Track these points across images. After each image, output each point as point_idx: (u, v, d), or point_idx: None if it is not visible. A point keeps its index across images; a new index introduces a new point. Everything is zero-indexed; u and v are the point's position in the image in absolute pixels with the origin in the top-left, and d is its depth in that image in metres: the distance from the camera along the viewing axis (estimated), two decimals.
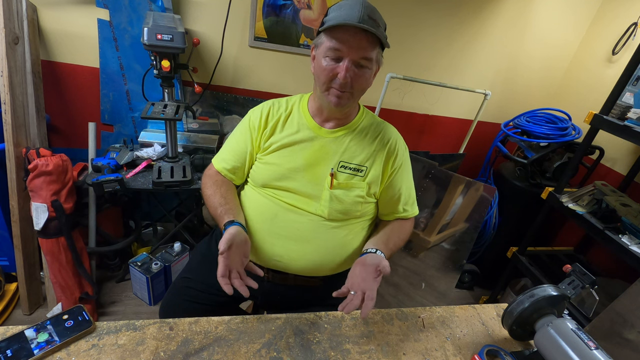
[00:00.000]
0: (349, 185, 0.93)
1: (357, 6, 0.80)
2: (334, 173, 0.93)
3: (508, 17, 2.03)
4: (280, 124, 0.97)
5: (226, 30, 1.71)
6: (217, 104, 1.91)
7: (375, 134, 0.98)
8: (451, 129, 2.35)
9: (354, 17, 0.78)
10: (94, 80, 1.71)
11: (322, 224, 0.94)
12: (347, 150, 0.95)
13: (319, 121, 0.96)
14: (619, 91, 1.46)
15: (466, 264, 2.12)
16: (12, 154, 1.41)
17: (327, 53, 0.84)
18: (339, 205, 0.93)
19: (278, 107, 0.99)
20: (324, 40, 0.84)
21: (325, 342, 0.79)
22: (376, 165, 0.96)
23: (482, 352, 0.81)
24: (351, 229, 0.97)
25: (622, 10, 1.95)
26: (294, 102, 1.00)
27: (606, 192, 1.64)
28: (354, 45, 0.81)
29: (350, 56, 0.82)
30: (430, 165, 1.82)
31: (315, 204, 0.93)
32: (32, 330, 0.69)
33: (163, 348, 0.72)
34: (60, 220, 1.44)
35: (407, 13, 1.90)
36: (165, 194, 2.06)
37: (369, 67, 0.86)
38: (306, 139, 0.95)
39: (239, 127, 1.03)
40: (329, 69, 0.84)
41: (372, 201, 1.00)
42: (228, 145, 1.03)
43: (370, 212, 1.02)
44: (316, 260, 0.94)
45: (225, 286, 0.74)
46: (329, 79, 0.85)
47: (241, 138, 1.00)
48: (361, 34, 0.80)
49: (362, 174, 0.95)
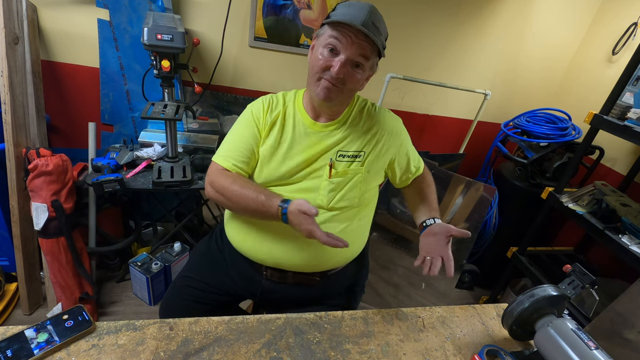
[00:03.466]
0: (348, 172, 0.94)
1: (364, 10, 0.82)
2: (333, 163, 0.94)
3: (508, 17, 2.03)
4: (279, 121, 0.97)
5: (226, 30, 1.71)
6: (217, 104, 1.91)
7: (369, 117, 0.99)
8: (451, 129, 2.35)
9: (360, 19, 0.80)
10: (94, 80, 1.71)
11: (321, 216, 0.93)
12: (343, 140, 0.96)
13: (312, 116, 0.97)
14: (619, 91, 1.45)
15: (466, 264, 2.12)
16: (12, 154, 1.41)
17: (327, 42, 0.85)
18: (338, 194, 0.94)
19: (276, 103, 0.99)
20: (326, 31, 0.85)
21: (325, 342, 0.79)
22: (376, 148, 0.97)
23: (482, 352, 0.82)
24: (351, 218, 0.97)
25: (622, 10, 1.95)
26: (290, 98, 1.01)
27: (606, 192, 1.64)
28: (354, 43, 0.82)
29: (347, 52, 0.83)
30: (430, 165, 1.82)
31: (314, 195, 0.94)
32: (32, 330, 0.69)
33: (163, 348, 0.72)
34: (60, 220, 1.43)
35: (407, 13, 1.90)
36: (165, 194, 2.06)
37: (363, 69, 0.87)
38: (302, 134, 0.95)
39: (240, 122, 0.99)
40: (324, 59, 0.85)
41: (374, 185, 1.01)
42: (231, 143, 0.97)
43: (370, 200, 1.02)
44: (316, 255, 0.94)
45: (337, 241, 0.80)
46: (322, 70, 0.86)
47: (247, 132, 0.96)
48: (362, 36, 0.82)
49: (360, 159, 0.96)
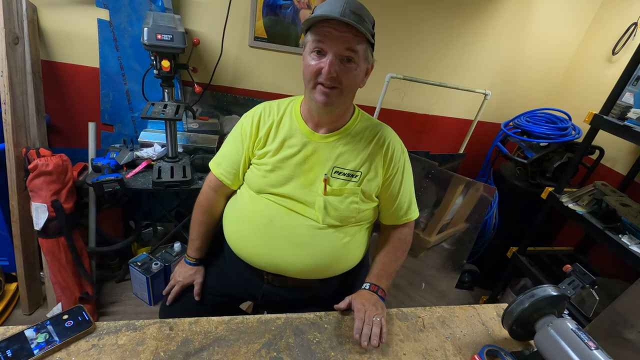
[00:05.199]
0: (343, 192, 0.91)
1: (339, 1, 0.78)
2: (327, 179, 0.91)
3: (508, 17, 2.03)
4: (272, 131, 0.94)
5: (226, 30, 1.71)
6: (217, 104, 1.91)
7: (371, 137, 0.95)
8: (451, 129, 2.35)
9: (336, 11, 0.77)
10: (94, 80, 1.71)
11: (318, 229, 0.92)
12: (340, 156, 0.92)
13: (311, 126, 0.93)
14: (619, 91, 1.45)
15: (466, 264, 2.12)
16: (12, 154, 1.41)
17: (312, 48, 0.82)
18: (333, 212, 0.91)
19: (269, 113, 0.96)
20: (308, 38, 0.83)
21: (325, 342, 0.79)
22: (372, 170, 0.93)
23: (482, 352, 0.81)
24: (348, 233, 0.95)
25: (622, 10, 1.95)
26: (286, 107, 0.97)
27: (606, 192, 1.64)
28: (337, 37, 0.79)
29: (333, 50, 0.80)
30: (430, 165, 1.82)
31: (310, 209, 0.92)
32: (32, 331, 0.69)
33: (163, 348, 0.72)
34: (60, 220, 1.43)
35: (407, 13, 1.90)
36: (165, 194, 2.06)
37: (355, 61, 0.83)
38: (299, 145, 0.92)
39: (233, 133, 1.02)
40: (313, 65, 0.82)
41: (369, 207, 0.97)
42: (224, 151, 1.02)
43: (369, 217, 0.99)
44: (313, 264, 0.93)
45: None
46: (314, 75, 0.83)
47: (234, 145, 0.99)
48: (343, 27, 0.78)
49: (357, 179, 0.92)
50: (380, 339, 0.80)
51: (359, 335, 0.80)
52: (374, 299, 0.89)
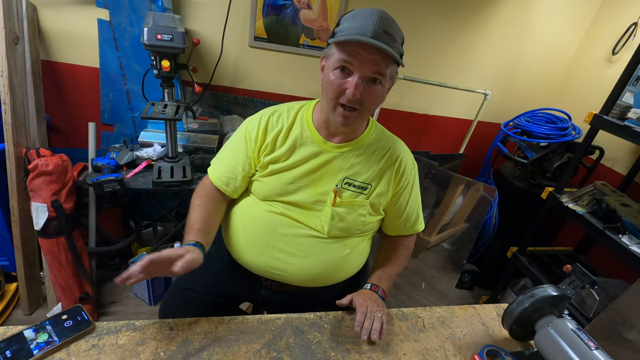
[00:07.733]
0: (352, 204, 0.89)
1: (372, 18, 0.73)
2: (338, 190, 0.89)
3: (508, 17, 2.03)
4: (281, 137, 0.91)
5: (226, 30, 1.70)
6: (217, 104, 1.91)
7: (384, 150, 0.93)
8: (451, 129, 2.35)
9: (368, 30, 0.72)
10: (94, 80, 1.71)
11: (321, 240, 0.91)
12: (352, 167, 0.90)
13: (324, 134, 0.90)
14: (619, 91, 1.45)
15: (466, 264, 2.12)
16: (12, 154, 1.41)
17: (336, 66, 0.77)
18: (340, 224, 0.90)
19: (278, 118, 0.92)
20: (333, 52, 0.78)
21: (325, 342, 0.79)
22: (382, 184, 0.92)
23: (482, 352, 0.81)
24: (351, 244, 0.94)
25: (622, 10, 1.95)
26: (297, 112, 0.93)
27: (606, 192, 1.64)
28: (366, 60, 0.74)
29: (361, 72, 0.76)
30: (430, 165, 1.82)
31: (316, 219, 0.90)
32: (31, 331, 0.69)
33: (163, 348, 0.72)
34: (60, 220, 1.43)
35: (407, 13, 1.90)
36: (165, 194, 2.06)
37: (382, 83, 0.79)
38: (310, 153, 0.90)
39: (234, 137, 0.96)
40: (337, 83, 0.78)
41: (375, 219, 0.96)
42: (223, 156, 0.97)
43: (373, 228, 0.99)
44: (314, 274, 0.92)
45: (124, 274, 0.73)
46: (337, 94, 0.79)
47: (236, 151, 0.94)
48: (374, 50, 0.73)
49: (367, 192, 0.91)
50: (380, 335, 0.79)
51: (359, 328, 0.79)
52: (375, 297, 0.89)
